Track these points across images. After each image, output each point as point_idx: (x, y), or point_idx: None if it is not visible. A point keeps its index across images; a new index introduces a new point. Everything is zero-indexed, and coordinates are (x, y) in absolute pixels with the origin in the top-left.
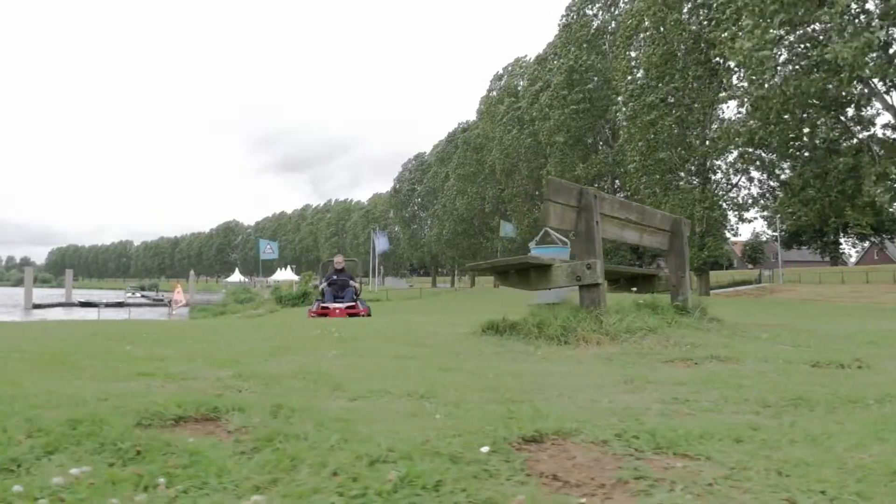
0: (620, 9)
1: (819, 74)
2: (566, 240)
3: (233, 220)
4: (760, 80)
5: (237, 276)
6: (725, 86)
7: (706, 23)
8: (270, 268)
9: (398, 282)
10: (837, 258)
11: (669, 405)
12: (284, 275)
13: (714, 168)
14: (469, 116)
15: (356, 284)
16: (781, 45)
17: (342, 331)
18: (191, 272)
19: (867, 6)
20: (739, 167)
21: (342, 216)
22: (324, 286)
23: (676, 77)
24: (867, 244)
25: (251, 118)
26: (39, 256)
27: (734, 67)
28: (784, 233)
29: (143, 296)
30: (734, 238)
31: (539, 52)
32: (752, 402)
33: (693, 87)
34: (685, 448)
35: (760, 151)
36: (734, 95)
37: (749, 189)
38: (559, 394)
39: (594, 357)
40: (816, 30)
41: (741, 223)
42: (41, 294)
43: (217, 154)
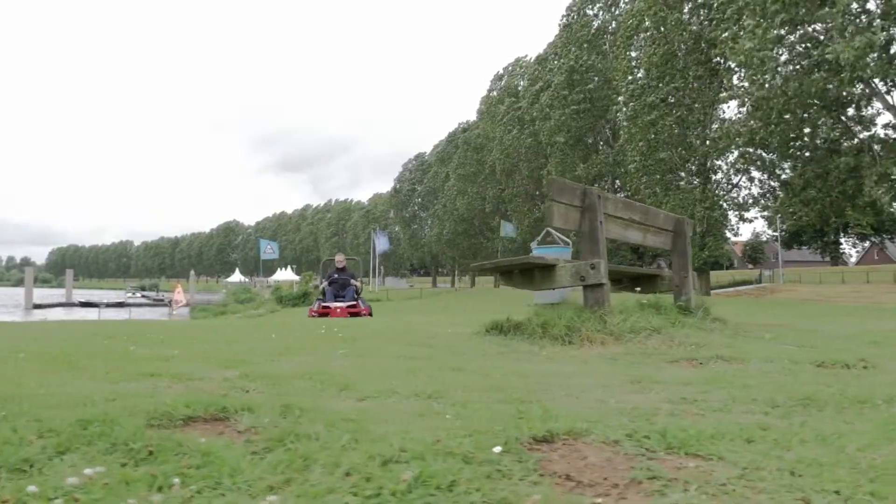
0: (621, 9)
1: (820, 74)
2: (568, 240)
3: (233, 220)
4: (761, 80)
5: (237, 276)
6: (726, 86)
7: (707, 23)
8: (271, 268)
9: (398, 282)
10: (838, 258)
11: (678, 405)
12: (285, 275)
13: (715, 168)
14: (469, 116)
15: (357, 283)
16: (782, 45)
17: (345, 331)
18: (191, 272)
19: (868, 6)
20: (740, 167)
21: (342, 216)
22: (324, 285)
23: (677, 77)
24: (867, 244)
25: (251, 118)
26: (40, 256)
27: (735, 67)
28: (784, 233)
29: (144, 296)
30: (735, 238)
31: (539, 52)
32: (761, 402)
33: (694, 87)
34: (697, 448)
35: (761, 151)
36: (735, 95)
37: (750, 189)
38: (566, 394)
39: (599, 357)
40: (817, 29)
41: (742, 223)
42: (41, 294)
43: (217, 154)
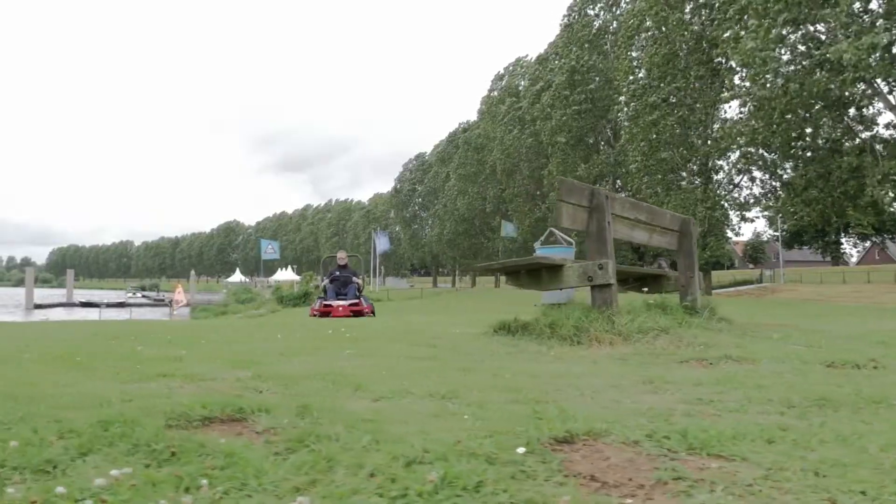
0: (622, 9)
1: (822, 74)
2: (571, 240)
3: (233, 220)
4: (763, 80)
5: (238, 276)
6: (727, 86)
7: (708, 23)
8: (271, 268)
9: (399, 282)
10: (838, 258)
11: (694, 406)
12: (285, 275)
13: (716, 168)
14: (470, 116)
15: (359, 281)
16: (784, 45)
17: (350, 331)
18: (191, 272)
19: (870, 6)
20: (742, 167)
21: (343, 216)
22: (325, 283)
23: (678, 77)
24: (868, 244)
25: (251, 118)
26: (40, 256)
27: (736, 67)
28: (785, 233)
29: (144, 296)
30: (736, 238)
31: (540, 52)
32: (777, 403)
33: (695, 87)
34: (718, 449)
35: (763, 151)
36: (737, 95)
37: (751, 189)
38: (580, 394)
39: (608, 357)
40: (820, 29)
41: (743, 223)
42: (42, 294)
43: (217, 154)
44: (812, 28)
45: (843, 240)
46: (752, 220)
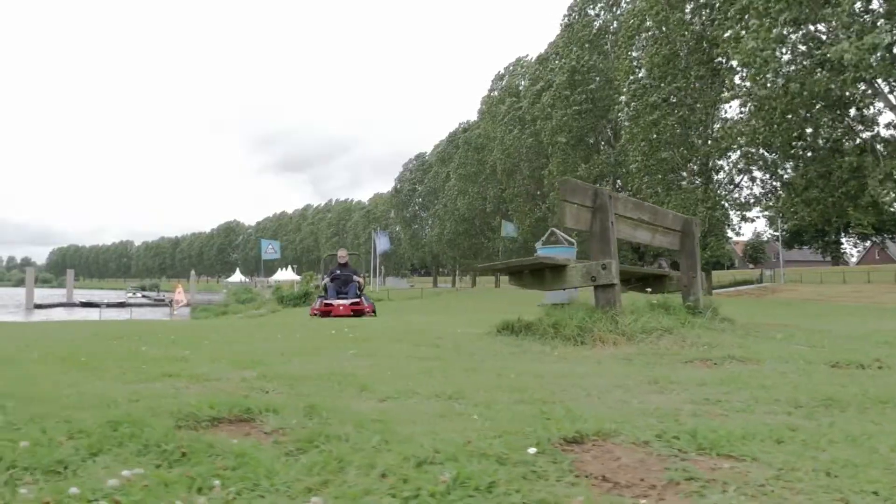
0: (622, 9)
1: (822, 74)
2: (572, 240)
3: (233, 220)
4: (764, 80)
5: (238, 276)
6: (728, 85)
7: (709, 22)
8: (271, 268)
9: (399, 282)
10: (838, 258)
11: (701, 406)
12: (285, 275)
13: (716, 168)
14: (470, 116)
15: (360, 279)
16: (785, 45)
17: (352, 331)
18: (192, 272)
19: (871, 6)
20: (742, 167)
21: (343, 216)
22: (326, 281)
23: (679, 77)
24: (868, 244)
25: (251, 118)
26: (40, 256)
27: (737, 67)
28: (785, 233)
29: (144, 296)
30: (736, 238)
31: (541, 52)
32: (784, 403)
33: (695, 87)
34: (728, 449)
35: (763, 151)
36: (737, 95)
37: (751, 189)
38: (587, 394)
39: (612, 357)
40: (820, 29)
41: (743, 222)
42: (42, 294)
43: (217, 154)
44: (813, 28)
45: (843, 240)
46: (753, 220)
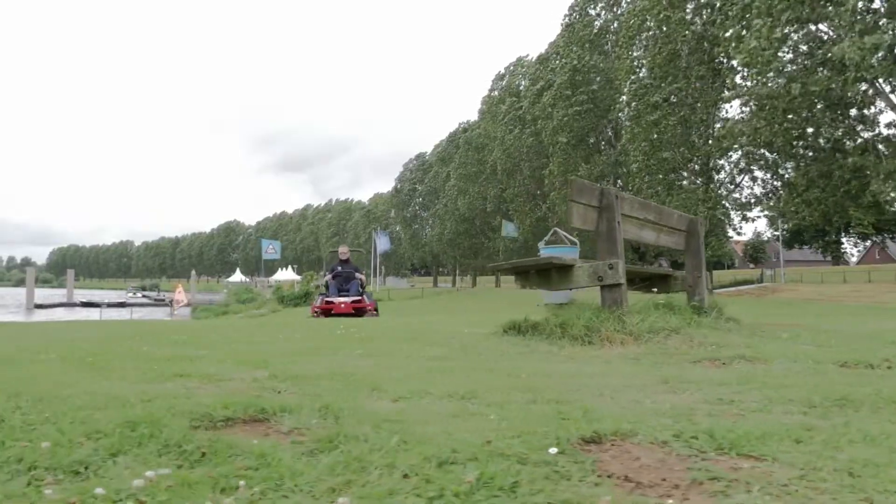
0: (623, 8)
1: (824, 73)
2: (574, 240)
3: (234, 220)
4: (765, 80)
5: (238, 276)
6: (729, 85)
7: (710, 22)
8: (272, 268)
9: (399, 281)
10: (839, 258)
11: (715, 406)
12: (286, 275)
13: (717, 167)
14: (470, 116)
15: (362, 276)
16: (787, 44)
17: (357, 331)
18: (192, 272)
19: (873, 6)
20: (743, 167)
21: (343, 216)
22: (327, 279)
23: (680, 77)
24: (868, 243)
25: (251, 118)
26: (40, 256)
27: (738, 67)
28: (786, 232)
29: (145, 296)
30: (737, 237)
31: (541, 52)
32: (798, 403)
33: (696, 87)
34: (748, 449)
35: (764, 151)
36: (738, 95)
37: (752, 188)
38: (599, 394)
39: (621, 357)
40: (823, 29)
41: (744, 222)
42: (43, 294)
43: (217, 154)
44: (814, 27)
45: (844, 239)
46: (754, 220)
